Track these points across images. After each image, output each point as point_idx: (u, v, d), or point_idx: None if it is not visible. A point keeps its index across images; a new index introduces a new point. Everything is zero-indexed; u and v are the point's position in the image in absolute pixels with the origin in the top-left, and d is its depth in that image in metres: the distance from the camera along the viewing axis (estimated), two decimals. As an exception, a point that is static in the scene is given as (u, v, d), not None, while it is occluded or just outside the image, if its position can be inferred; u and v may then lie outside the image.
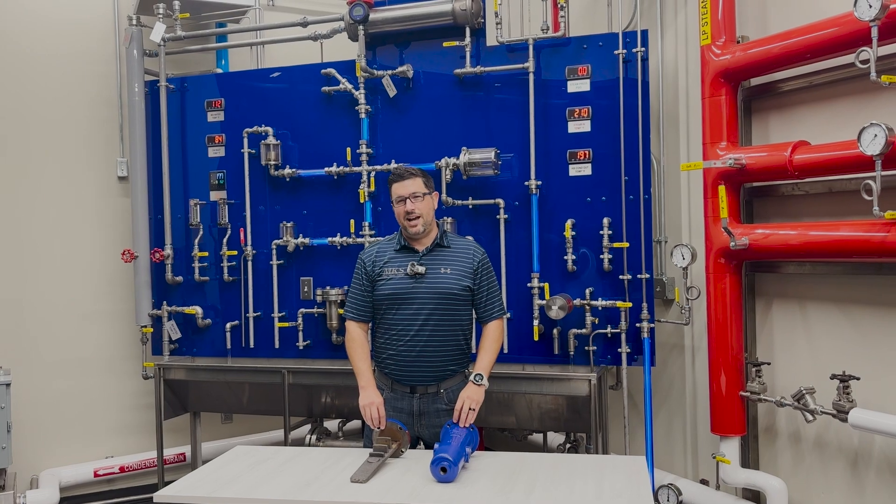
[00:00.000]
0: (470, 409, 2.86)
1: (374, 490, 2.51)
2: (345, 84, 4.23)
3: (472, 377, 2.94)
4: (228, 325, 4.49)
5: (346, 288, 4.19)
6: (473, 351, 3.16)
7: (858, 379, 3.16)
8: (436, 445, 2.67)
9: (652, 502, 2.39)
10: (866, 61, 2.81)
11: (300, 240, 4.34)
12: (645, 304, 3.83)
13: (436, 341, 3.01)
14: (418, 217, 2.99)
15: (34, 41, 4.67)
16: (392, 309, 3.03)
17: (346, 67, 4.27)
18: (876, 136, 2.77)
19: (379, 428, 2.90)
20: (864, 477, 3.32)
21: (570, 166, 3.97)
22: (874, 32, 2.78)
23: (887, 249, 2.89)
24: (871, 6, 2.76)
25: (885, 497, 3.22)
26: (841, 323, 3.40)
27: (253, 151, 4.42)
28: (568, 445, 4.16)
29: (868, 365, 3.24)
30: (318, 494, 2.48)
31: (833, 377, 3.19)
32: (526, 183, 3.98)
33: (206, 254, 4.53)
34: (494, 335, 3.08)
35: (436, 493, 2.46)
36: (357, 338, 3.10)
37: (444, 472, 2.52)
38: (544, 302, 3.88)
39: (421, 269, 3.00)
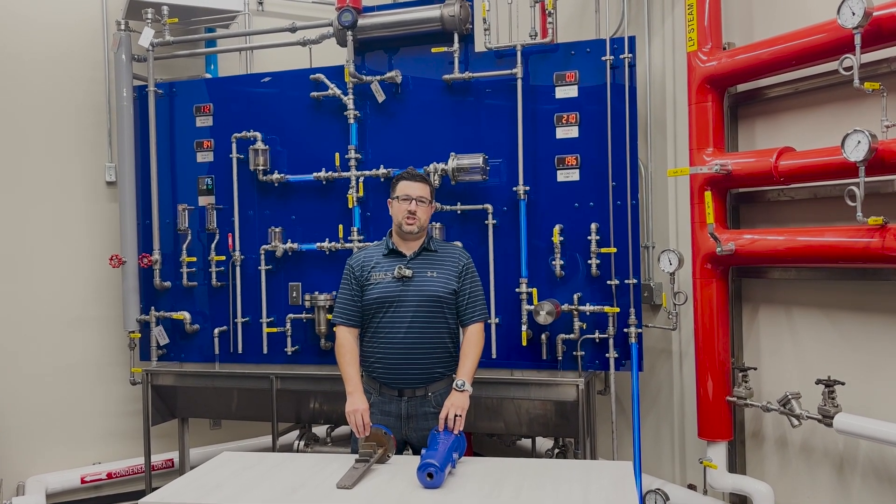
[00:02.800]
0: (457, 415, 2.87)
1: (361, 496, 2.50)
2: (333, 89, 4.23)
3: (455, 384, 2.95)
4: (216, 331, 4.48)
5: (334, 293, 4.19)
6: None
7: (843, 384, 3.18)
8: (423, 451, 2.67)
9: (637, 507, 2.40)
10: (850, 68, 2.84)
11: (288, 245, 4.33)
12: (632, 310, 3.83)
13: (422, 344, 3.04)
14: (416, 219, 3.05)
15: (22, 46, 4.66)
16: (380, 313, 3.07)
17: (335, 73, 4.27)
18: (859, 142, 2.79)
19: (364, 435, 2.90)
20: (849, 481, 3.34)
21: (559, 172, 3.98)
22: (857, 40, 2.80)
23: (871, 255, 2.91)
24: (854, 14, 2.78)
25: (870, 501, 3.24)
26: (826, 328, 3.42)
27: (241, 156, 4.41)
28: (556, 450, 4.17)
29: (853, 370, 3.26)
30: (304, 501, 2.47)
31: (818, 382, 3.21)
32: (514, 188, 3.99)
33: (194, 259, 4.52)
34: (475, 339, 3.10)
35: (422, 499, 2.45)
36: (346, 343, 3.11)
37: (431, 477, 2.52)
38: (532, 307, 3.88)
39: (408, 272, 3.05)
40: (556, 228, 3.93)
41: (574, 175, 3.97)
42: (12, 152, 4.65)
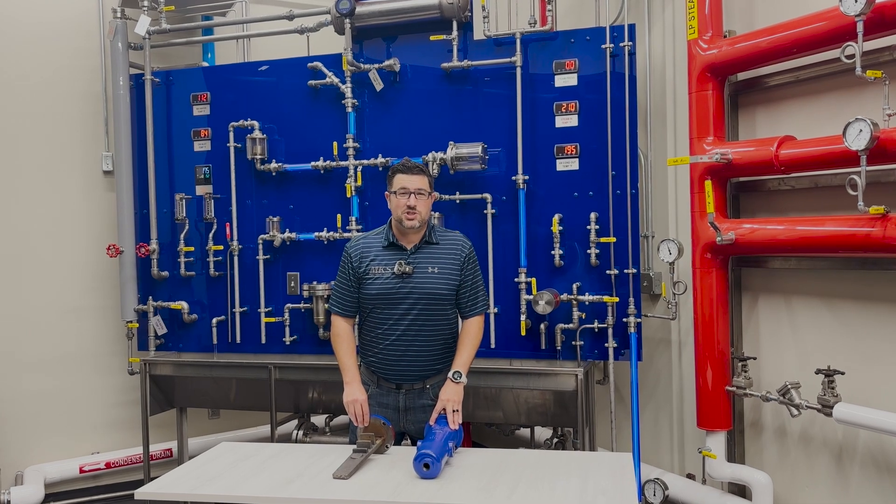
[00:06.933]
0: (454, 410, 2.84)
1: (357, 486, 2.50)
2: (331, 78, 4.20)
3: (450, 374, 2.92)
4: (215, 321, 4.46)
5: (332, 283, 4.14)
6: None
7: (843, 374, 3.17)
8: (419, 442, 2.66)
9: (636, 500, 2.39)
10: (852, 56, 2.81)
11: (287, 234, 4.32)
12: (632, 299, 3.82)
13: (421, 341, 3.00)
14: (417, 213, 2.93)
15: (17, 35, 4.63)
16: (378, 308, 3.00)
17: (333, 61, 4.24)
18: (861, 131, 2.77)
19: (363, 425, 2.89)
20: (848, 471, 3.33)
21: (558, 161, 3.96)
22: (859, 27, 2.77)
23: (872, 244, 2.89)
24: (856, 1, 2.75)
25: (869, 491, 3.24)
26: (826, 317, 3.41)
27: (239, 146, 4.39)
28: (555, 440, 4.17)
29: (853, 359, 3.25)
30: (301, 491, 2.47)
31: (818, 372, 3.20)
32: (513, 177, 3.96)
33: (191, 248, 4.50)
34: (474, 331, 3.06)
35: (419, 490, 2.45)
36: (342, 332, 3.07)
37: (427, 468, 2.51)
38: (531, 297, 3.86)
39: (408, 268, 2.95)
40: (556, 218, 3.91)
41: (573, 164, 3.94)
42: (8, 142, 4.62)
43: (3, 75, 4.60)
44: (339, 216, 4.25)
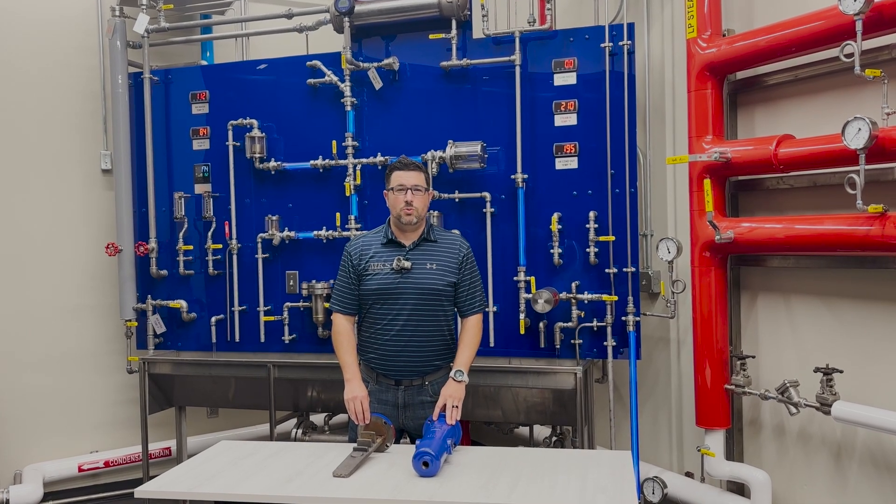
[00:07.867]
0: (454, 406, 2.86)
1: (357, 485, 2.50)
2: (330, 76, 4.20)
3: (451, 373, 2.94)
4: (214, 319, 4.46)
5: (331, 282, 4.17)
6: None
7: (842, 372, 3.18)
8: (418, 441, 2.66)
9: (635, 499, 2.39)
10: (850, 55, 2.82)
11: (286, 233, 4.32)
12: (630, 298, 3.83)
13: (420, 337, 3.02)
14: (414, 209, 2.98)
15: (16, 33, 4.62)
16: (377, 304, 3.04)
17: (332, 60, 4.24)
18: (860, 129, 2.77)
19: (363, 423, 2.89)
20: (846, 469, 3.34)
21: (557, 160, 3.96)
22: (858, 26, 2.78)
23: (871, 243, 2.90)
24: (855, 0, 2.76)
25: (867, 489, 3.24)
26: (825, 316, 3.42)
27: (238, 144, 4.38)
28: (554, 438, 4.17)
29: (851, 358, 3.26)
30: (300, 490, 2.47)
31: (816, 370, 3.21)
32: (512, 176, 3.97)
33: (190, 247, 4.50)
34: (474, 330, 3.08)
35: (419, 489, 2.45)
36: (343, 330, 3.09)
37: (426, 466, 2.52)
38: (530, 295, 3.87)
39: (407, 263, 3.00)
40: (555, 216, 3.91)
41: (572, 163, 3.95)
42: (6, 141, 4.61)
43: (1, 73, 4.59)
44: (338, 215, 4.25)
